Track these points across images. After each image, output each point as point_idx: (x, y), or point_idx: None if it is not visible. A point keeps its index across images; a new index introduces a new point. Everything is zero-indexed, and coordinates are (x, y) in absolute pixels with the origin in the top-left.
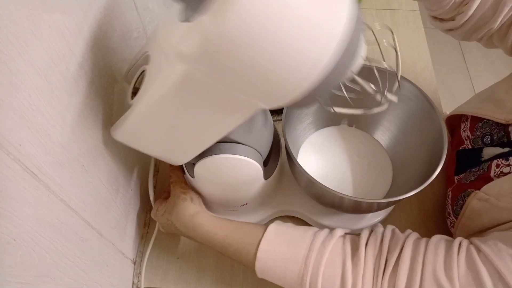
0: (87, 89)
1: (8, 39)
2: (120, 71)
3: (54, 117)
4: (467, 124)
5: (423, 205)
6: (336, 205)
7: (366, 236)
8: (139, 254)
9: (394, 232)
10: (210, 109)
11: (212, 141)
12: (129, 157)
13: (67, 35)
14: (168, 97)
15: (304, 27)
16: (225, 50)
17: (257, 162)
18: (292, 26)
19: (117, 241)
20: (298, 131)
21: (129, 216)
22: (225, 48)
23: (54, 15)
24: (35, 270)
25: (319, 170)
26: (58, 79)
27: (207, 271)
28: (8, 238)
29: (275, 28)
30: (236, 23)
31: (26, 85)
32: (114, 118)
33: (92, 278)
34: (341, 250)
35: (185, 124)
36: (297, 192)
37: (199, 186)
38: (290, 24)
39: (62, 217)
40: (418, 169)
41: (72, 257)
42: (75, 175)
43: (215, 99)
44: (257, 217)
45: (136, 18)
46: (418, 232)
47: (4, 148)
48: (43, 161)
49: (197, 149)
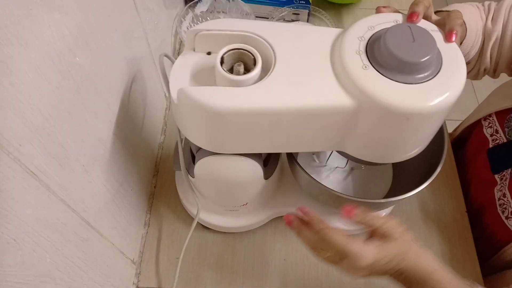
0: (87, 89)
1: (8, 39)
2: (120, 71)
3: (54, 117)
4: (492, 120)
5: (423, 205)
6: (336, 205)
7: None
8: (139, 254)
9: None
10: (318, 134)
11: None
12: (129, 157)
13: (67, 35)
14: (310, 111)
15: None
16: (416, 119)
17: (257, 162)
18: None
19: (117, 241)
20: None
21: (129, 216)
22: (417, 120)
23: (54, 15)
24: (35, 270)
25: (319, 170)
26: (58, 79)
27: (207, 271)
28: (8, 238)
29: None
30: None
31: (26, 85)
32: (115, 118)
33: (92, 278)
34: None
35: (280, 131)
36: (297, 192)
37: (199, 186)
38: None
39: (62, 217)
40: (418, 169)
41: (72, 257)
42: (75, 175)
43: (338, 133)
44: (257, 217)
45: (136, 18)
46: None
47: (4, 148)
48: (43, 161)
49: (254, 149)
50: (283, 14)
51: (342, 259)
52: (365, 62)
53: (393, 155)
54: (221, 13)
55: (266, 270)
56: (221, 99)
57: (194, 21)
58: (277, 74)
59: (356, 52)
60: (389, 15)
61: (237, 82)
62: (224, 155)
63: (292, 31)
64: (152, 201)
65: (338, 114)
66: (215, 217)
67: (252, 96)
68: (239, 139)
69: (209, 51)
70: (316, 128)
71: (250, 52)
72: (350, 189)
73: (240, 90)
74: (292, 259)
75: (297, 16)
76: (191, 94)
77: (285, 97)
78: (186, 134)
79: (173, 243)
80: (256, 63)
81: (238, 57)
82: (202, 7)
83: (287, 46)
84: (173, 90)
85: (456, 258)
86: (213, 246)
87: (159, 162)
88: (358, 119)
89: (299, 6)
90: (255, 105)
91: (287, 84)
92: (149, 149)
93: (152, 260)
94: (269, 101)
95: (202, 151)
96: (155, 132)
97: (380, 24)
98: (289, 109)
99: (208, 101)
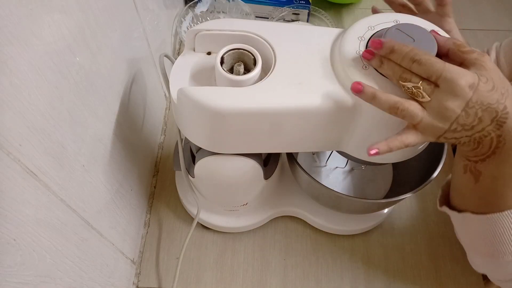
0: (87, 89)
1: (8, 39)
2: (120, 71)
3: (54, 117)
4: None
5: (423, 205)
6: (336, 205)
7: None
8: (139, 254)
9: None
10: (317, 133)
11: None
12: (129, 157)
13: (67, 35)
14: (313, 110)
15: None
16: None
17: (257, 162)
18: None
19: (117, 241)
20: None
21: (129, 216)
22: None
23: (54, 15)
24: (35, 270)
25: (319, 170)
26: (58, 79)
27: (207, 271)
28: (8, 238)
29: None
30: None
31: (26, 85)
32: (115, 118)
33: (92, 278)
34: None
35: (280, 131)
36: (297, 192)
37: (199, 186)
38: None
39: (62, 217)
40: (418, 169)
41: (72, 257)
42: (75, 175)
43: (336, 131)
44: (257, 217)
45: (136, 18)
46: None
47: (4, 148)
48: (43, 161)
49: (249, 149)
50: (283, 14)
51: (437, 83)
52: (365, 62)
53: (393, 155)
54: (221, 13)
55: (266, 270)
56: (221, 99)
57: (194, 21)
58: (277, 74)
59: (356, 52)
60: (389, 15)
61: (237, 82)
62: (224, 155)
63: (292, 31)
64: (152, 201)
65: (338, 114)
66: (215, 217)
67: (252, 96)
68: (239, 139)
69: (209, 51)
70: (316, 128)
71: (250, 52)
72: (350, 189)
73: (240, 90)
74: (292, 259)
75: (297, 16)
76: (191, 94)
77: (285, 97)
78: (186, 134)
79: (173, 243)
80: (256, 63)
81: (238, 57)
82: (202, 7)
83: (287, 46)
84: (173, 90)
85: (456, 258)
86: (213, 246)
87: (159, 162)
88: (358, 119)
89: (299, 6)
90: (255, 105)
91: (287, 84)
92: (149, 149)
93: (152, 260)
94: (269, 101)
95: (202, 151)
96: (155, 132)
97: (380, 24)
98: (289, 109)
99: (208, 101)
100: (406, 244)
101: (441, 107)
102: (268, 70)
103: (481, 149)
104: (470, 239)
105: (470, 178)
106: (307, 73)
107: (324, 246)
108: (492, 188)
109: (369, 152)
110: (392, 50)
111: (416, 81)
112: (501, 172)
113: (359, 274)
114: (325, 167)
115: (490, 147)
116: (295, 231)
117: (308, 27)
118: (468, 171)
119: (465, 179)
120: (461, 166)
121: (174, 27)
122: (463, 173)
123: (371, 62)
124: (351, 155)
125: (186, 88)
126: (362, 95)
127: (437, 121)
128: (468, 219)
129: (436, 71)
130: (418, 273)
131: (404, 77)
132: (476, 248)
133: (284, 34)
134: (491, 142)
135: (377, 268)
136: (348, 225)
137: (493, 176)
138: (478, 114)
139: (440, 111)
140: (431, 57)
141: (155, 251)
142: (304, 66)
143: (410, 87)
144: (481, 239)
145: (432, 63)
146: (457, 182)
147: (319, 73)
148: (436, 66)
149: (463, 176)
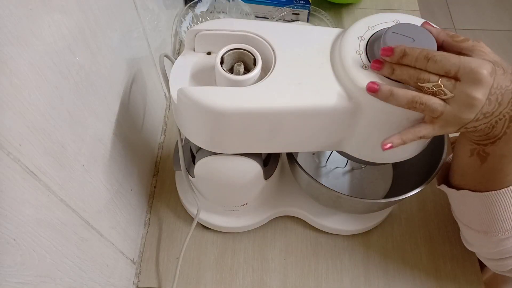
0: (87, 89)
1: (8, 39)
2: (120, 71)
3: (54, 117)
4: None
5: (423, 205)
6: (336, 205)
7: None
8: (139, 254)
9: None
10: (317, 133)
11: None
12: (129, 157)
13: (67, 35)
14: (312, 110)
15: None
16: (416, 119)
17: (257, 162)
18: None
19: (117, 241)
20: None
21: (129, 216)
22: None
23: (54, 15)
24: (35, 270)
25: (319, 170)
26: (58, 79)
27: (207, 271)
28: (8, 238)
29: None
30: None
31: (26, 85)
32: (115, 118)
33: (92, 278)
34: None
35: (280, 131)
36: (297, 192)
37: (199, 186)
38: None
39: (62, 217)
40: (418, 169)
41: (72, 257)
42: (75, 175)
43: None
44: (257, 217)
45: (136, 18)
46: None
47: (4, 148)
48: (43, 161)
49: (249, 149)
50: (283, 14)
51: (457, 77)
52: (365, 62)
53: (393, 155)
54: (221, 13)
55: (266, 270)
56: (221, 99)
57: (194, 21)
58: (277, 74)
59: (356, 52)
60: (389, 14)
61: (237, 82)
62: (224, 155)
63: (292, 31)
64: (152, 201)
65: (338, 114)
66: (215, 217)
67: (252, 96)
68: (239, 139)
69: (209, 51)
70: (316, 128)
71: (250, 52)
72: (350, 189)
73: (240, 90)
74: (292, 259)
75: (297, 16)
76: (191, 94)
77: (285, 97)
78: (186, 134)
79: (173, 243)
80: (256, 63)
81: (238, 57)
82: (202, 7)
83: (287, 46)
84: (173, 90)
85: (456, 258)
86: (213, 246)
87: (159, 162)
88: (358, 119)
89: (299, 6)
90: (255, 105)
91: (287, 84)
92: (149, 149)
93: (152, 260)
94: (269, 101)
95: (202, 151)
96: (155, 132)
97: (380, 24)
98: (289, 109)
99: (208, 101)
100: (406, 244)
101: (468, 99)
102: (268, 70)
103: (493, 132)
104: (466, 216)
105: (476, 160)
106: (307, 73)
107: (324, 246)
108: (498, 166)
109: (383, 147)
110: (404, 54)
111: (435, 79)
112: (510, 149)
113: (359, 274)
114: (325, 167)
115: (503, 128)
116: (295, 231)
117: (308, 27)
118: (475, 155)
119: (471, 161)
120: (467, 150)
121: (174, 27)
122: (469, 156)
123: (381, 72)
124: (351, 155)
125: (186, 88)
126: (379, 94)
127: (461, 113)
128: (466, 196)
129: (454, 65)
130: (418, 273)
131: (422, 78)
132: (471, 225)
133: (284, 34)
134: (504, 123)
135: (377, 268)
136: (348, 225)
137: (501, 155)
138: (498, 99)
139: (467, 102)
140: (443, 53)
141: (155, 251)
142: (304, 66)
143: (431, 87)
144: (477, 216)
145: (447, 58)
146: (461, 164)
147: (319, 73)
148: (452, 60)
149: (468, 159)
